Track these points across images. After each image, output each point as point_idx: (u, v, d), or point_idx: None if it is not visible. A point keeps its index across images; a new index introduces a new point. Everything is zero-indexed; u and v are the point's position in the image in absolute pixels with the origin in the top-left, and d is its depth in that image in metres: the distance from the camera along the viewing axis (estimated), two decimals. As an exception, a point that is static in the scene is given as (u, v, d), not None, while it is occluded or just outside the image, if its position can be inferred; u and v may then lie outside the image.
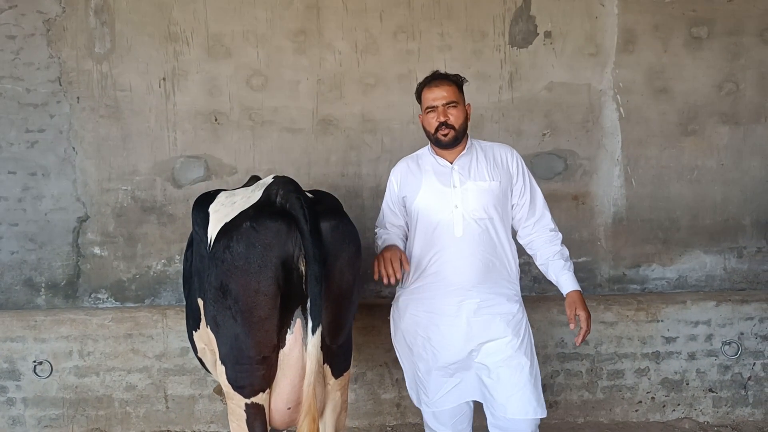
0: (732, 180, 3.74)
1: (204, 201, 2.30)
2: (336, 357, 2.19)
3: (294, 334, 2.05)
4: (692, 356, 3.48)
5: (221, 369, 2.11)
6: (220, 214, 2.14)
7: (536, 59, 3.64)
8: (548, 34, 3.64)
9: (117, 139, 3.59)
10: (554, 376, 3.47)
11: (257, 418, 2.09)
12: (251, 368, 2.04)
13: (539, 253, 2.57)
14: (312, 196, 2.19)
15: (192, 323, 2.37)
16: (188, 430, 3.44)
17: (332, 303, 2.06)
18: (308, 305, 1.97)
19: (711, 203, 3.75)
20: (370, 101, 3.63)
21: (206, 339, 2.22)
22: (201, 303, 2.20)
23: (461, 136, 2.48)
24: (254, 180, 2.53)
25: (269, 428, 2.15)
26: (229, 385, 2.10)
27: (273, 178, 2.20)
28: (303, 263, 2.00)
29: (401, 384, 3.34)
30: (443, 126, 2.43)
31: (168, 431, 3.43)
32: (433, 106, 2.45)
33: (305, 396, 1.97)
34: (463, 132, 2.49)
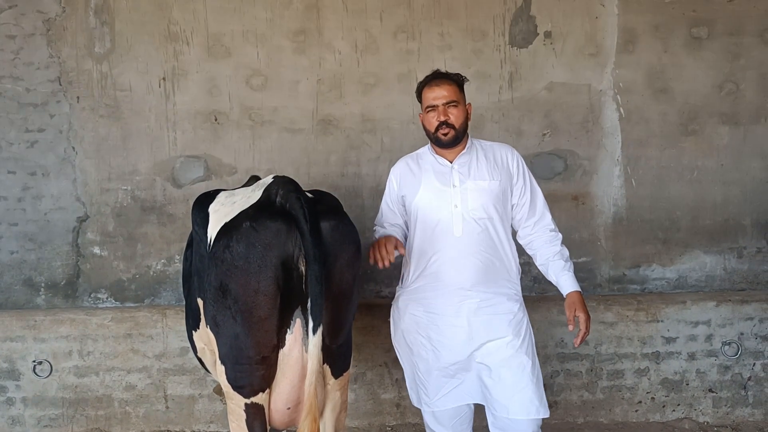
0: (732, 180, 3.74)
1: (204, 201, 2.30)
2: (336, 357, 2.19)
3: (294, 334, 2.05)
4: (692, 356, 3.48)
5: (221, 369, 2.11)
6: (220, 214, 2.14)
7: (536, 59, 3.64)
8: (548, 34, 3.64)
9: (117, 139, 3.59)
10: (554, 377, 3.47)
11: (257, 418, 2.09)
12: (251, 368, 2.04)
13: (539, 254, 2.56)
14: (312, 196, 2.19)
15: (192, 323, 2.37)
16: (188, 430, 3.44)
17: (332, 303, 2.05)
18: (309, 305, 1.96)
19: (711, 203, 3.74)
20: (370, 101, 3.62)
21: (206, 339, 2.22)
22: (201, 303, 2.20)
23: (461, 136, 2.48)
24: (254, 180, 2.53)
25: (269, 428, 2.15)
26: (229, 385, 2.09)
27: (273, 178, 2.20)
28: (303, 263, 2.00)
29: (401, 384, 3.33)
30: (443, 125, 2.43)
31: (168, 431, 3.43)
32: (434, 106, 2.45)
33: (307, 396, 1.96)
34: (464, 131, 2.49)
